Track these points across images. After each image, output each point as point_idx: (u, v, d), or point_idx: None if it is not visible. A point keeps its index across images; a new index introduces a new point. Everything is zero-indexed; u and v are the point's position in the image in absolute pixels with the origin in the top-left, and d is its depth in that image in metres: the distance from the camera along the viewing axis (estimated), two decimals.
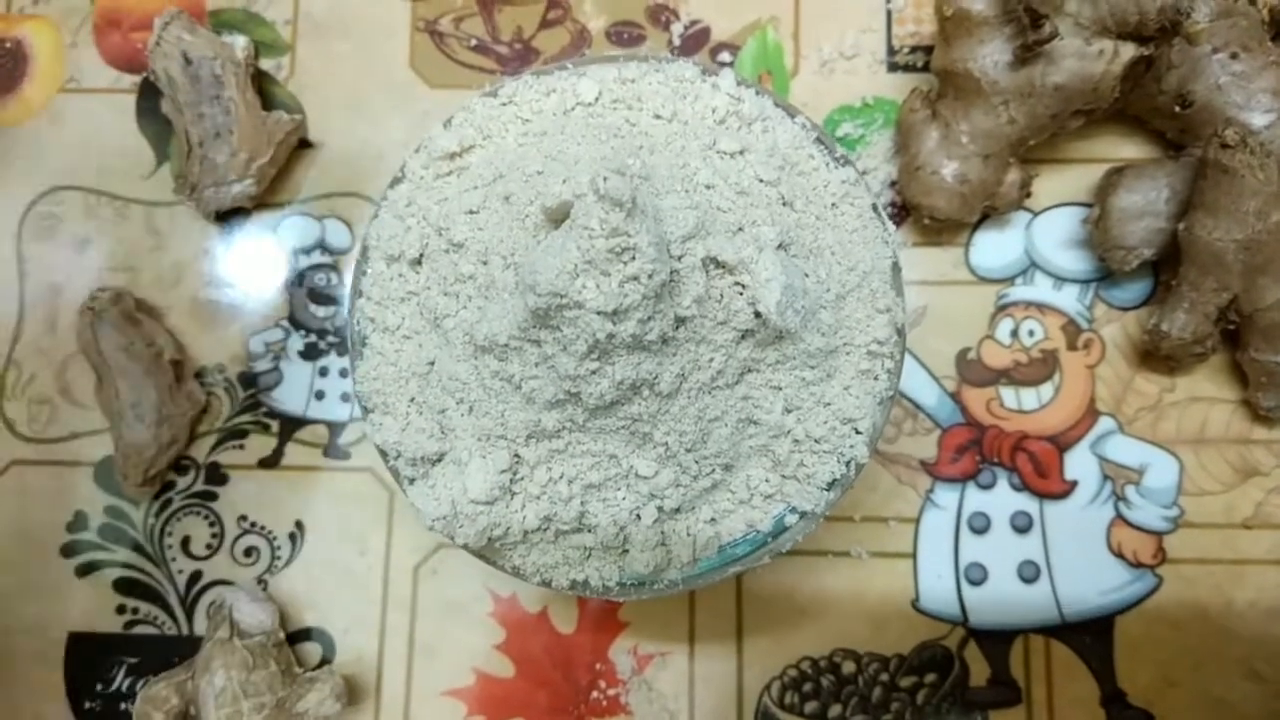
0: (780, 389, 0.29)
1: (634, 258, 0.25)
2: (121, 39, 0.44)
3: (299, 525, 0.40)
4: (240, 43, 0.41)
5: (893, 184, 0.41)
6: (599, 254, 0.24)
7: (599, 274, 0.25)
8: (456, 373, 0.29)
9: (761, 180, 0.30)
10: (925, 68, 0.42)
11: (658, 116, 0.31)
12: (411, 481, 0.30)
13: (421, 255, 0.30)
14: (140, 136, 0.43)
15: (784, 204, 0.30)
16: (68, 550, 0.40)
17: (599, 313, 0.25)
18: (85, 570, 0.40)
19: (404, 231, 0.31)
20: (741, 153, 0.30)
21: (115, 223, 0.42)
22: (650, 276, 0.25)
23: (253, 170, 0.40)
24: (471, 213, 0.29)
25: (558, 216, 0.26)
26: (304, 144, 0.43)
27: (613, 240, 0.24)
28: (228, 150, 0.39)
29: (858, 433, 0.30)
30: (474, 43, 0.43)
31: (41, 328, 0.42)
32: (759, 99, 0.32)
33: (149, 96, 0.43)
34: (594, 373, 0.26)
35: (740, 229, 0.28)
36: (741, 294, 0.27)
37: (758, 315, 0.27)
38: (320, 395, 0.41)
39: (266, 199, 0.42)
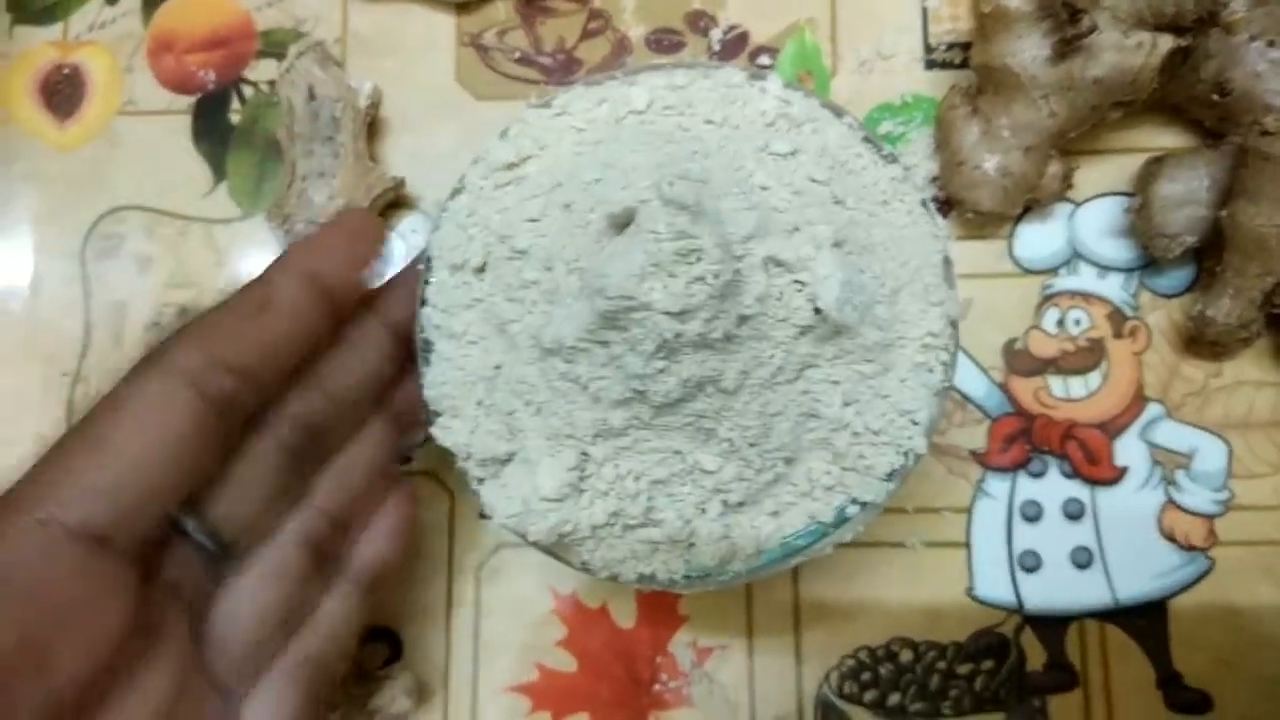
0: (839, 383, 0.30)
1: (699, 259, 0.25)
2: (175, 62, 0.45)
3: None
4: (366, 89, 0.42)
5: (934, 180, 0.42)
6: (665, 256, 0.25)
7: (666, 276, 0.26)
8: (524, 375, 0.30)
9: (814, 180, 0.30)
10: (963, 64, 0.43)
11: (709, 121, 0.32)
12: (482, 482, 0.31)
13: (485, 263, 0.31)
14: (197, 155, 0.44)
15: (836, 202, 0.30)
16: None
17: (666, 313, 0.26)
18: None
19: (467, 241, 0.32)
20: (793, 154, 0.31)
21: (176, 241, 0.44)
22: (715, 277, 0.26)
23: None
24: (532, 220, 0.30)
25: (621, 222, 0.27)
26: (398, 203, 0.43)
27: (679, 243, 0.25)
28: (327, 193, 0.40)
29: (915, 424, 0.31)
30: (518, 55, 0.44)
31: (108, 344, 0.43)
32: (807, 101, 0.33)
33: (204, 117, 0.45)
34: (661, 371, 0.27)
35: (797, 228, 0.29)
36: (800, 291, 0.28)
37: (817, 311, 0.28)
38: None
39: None
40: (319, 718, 0.31)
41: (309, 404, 0.30)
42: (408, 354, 0.33)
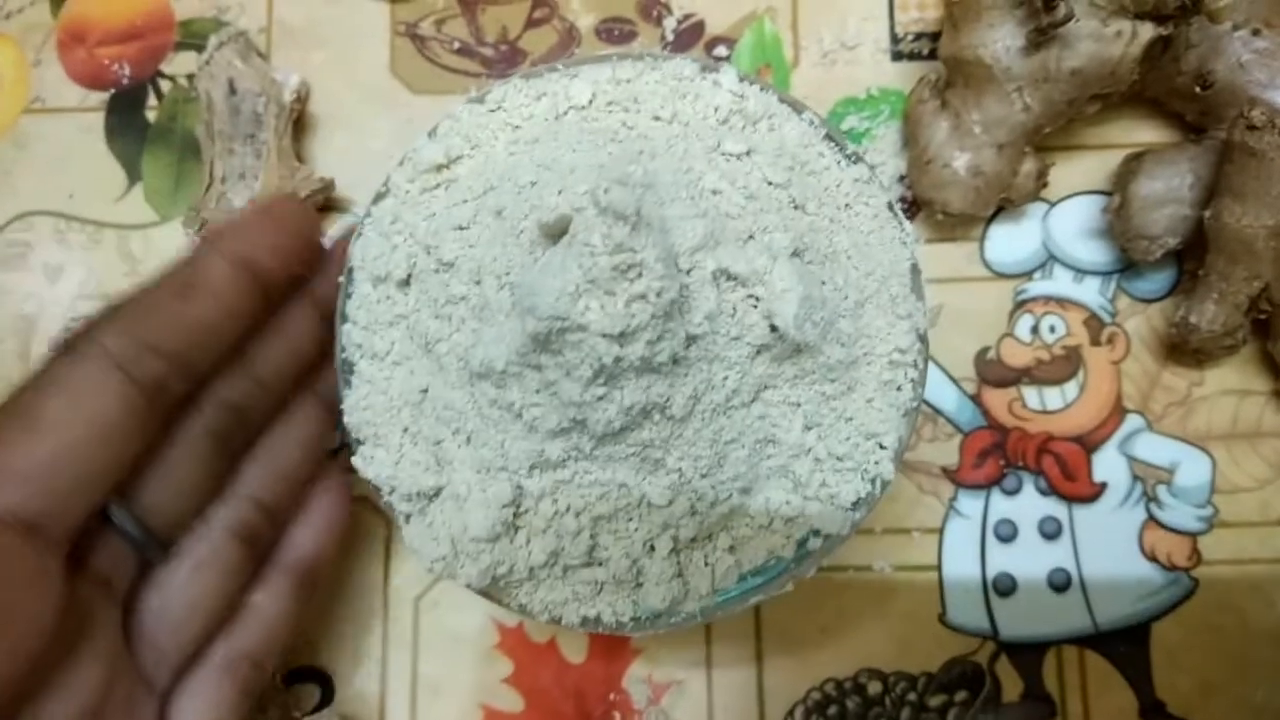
0: (799, 405, 0.27)
1: (640, 275, 0.23)
2: (87, 55, 0.42)
3: None
4: (293, 83, 0.39)
5: (902, 178, 0.39)
6: (602, 272, 0.23)
7: (603, 294, 0.23)
8: (452, 401, 0.27)
9: (770, 183, 0.28)
10: (931, 55, 0.40)
11: (657, 118, 0.30)
12: (408, 519, 0.28)
13: (410, 275, 0.29)
14: (110, 156, 0.41)
15: (795, 207, 0.28)
16: None
17: (604, 335, 0.23)
18: None
19: (390, 250, 0.29)
20: (748, 154, 0.28)
21: (88, 249, 0.40)
22: (659, 294, 0.23)
23: None
24: (461, 229, 0.28)
25: (555, 232, 0.25)
26: (328, 206, 0.40)
27: (617, 257, 0.22)
28: (248, 195, 0.37)
29: (882, 447, 0.28)
30: (457, 45, 0.41)
31: (13, 360, 0.40)
32: (763, 95, 0.30)
33: (118, 114, 0.41)
34: (600, 398, 0.24)
35: (751, 236, 0.26)
36: (756, 307, 0.25)
37: (774, 329, 0.25)
38: None
39: None
40: (248, 713, 0.30)
41: (235, 387, 0.29)
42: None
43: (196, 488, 0.28)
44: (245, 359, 0.30)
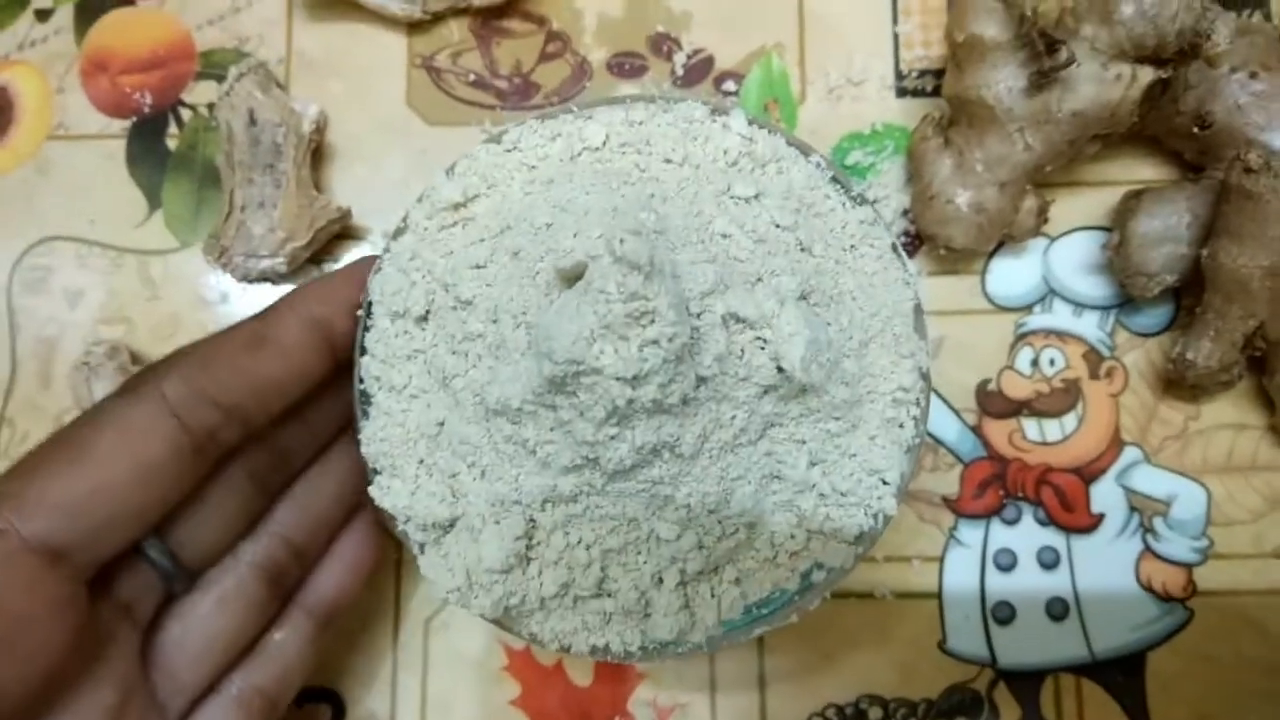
0: (804, 443, 0.28)
1: (653, 321, 0.24)
2: (110, 84, 0.43)
3: None
4: (311, 113, 0.39)
5: (905, 213, 0.40)
6: (617, 318, 0.23)
7: (617, 339, 0.24)
8: (467, 435, 0.28)
9: (778, 225, 0.29)
10: (935, 92, 0.41)
11: (668, 160, 0.30)
12: (422, 549, 0.29)
13: (428, 311, 0.29)
14: (131, 183, 0.42)
15: (802, 249, 0.29)
16: None
17: (618, 379, 0.24)
18: None
19: (409, 286, 0.30)
20: (757, 197, 0.29)
21: (108, 273, 0.41)
22: (670, 339, 0.24)
23: (286, 250, 0.38)
24: (479, 267, 0.28)
25: (572, 276, 0.25)
26: (344, 235, 0.41)
27: (631, 304, 0.23)
28: (267, 224, 0.38)
29: (885, 484, 0.29)
30: (472, 78, 0.42)
31: (35, 383, 0.40)
32: (771, 138, 0.31)
33: (139, 142, 0.42)
34: (613, 438, 0.25)
35: (759, 280, 0.27)
36: (763, 349, 0.26)
37: (781, 370, 0.26)
38: None
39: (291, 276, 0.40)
40: None
41: (284, 433, 0.30)
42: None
43: (231, 525, 0.29)
44: (302, 408, 0.30)
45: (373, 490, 0.29)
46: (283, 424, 0.30)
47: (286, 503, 0.31)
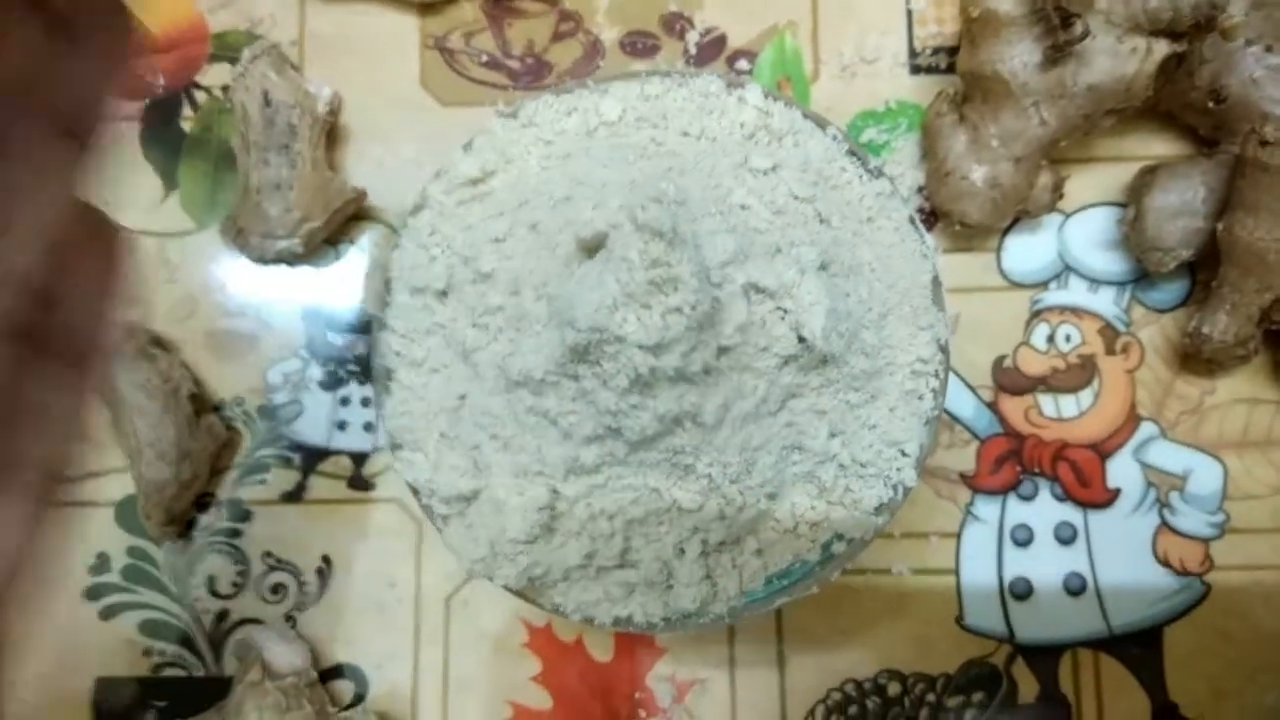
0: (824, 414, 0.28)
1: (676, 289, 0.24)
2: None
3: (326, 560, 0.39)
4: (325, 95, 0.39)
5: (920, 190, 0.40)
6: (639, 286, 0.23)
7: (639, 307, 0.24)
8: (489, 407, 0.28)
9: (797, 197, 0.29)
10: (949, 69, 0.41)
11: (685, 134, 0.30)
12: (446, 520, 0.29)
13: (448, 286, 0.29)
14: (147, 165, 0.42)
15: (821, 221, 0.29)
16: (92, 594, 0.39)
17: (641, 346, 0.24)
18: (110, 613, 0.39)
19: (428, 262, 0.30)
20: (774, 169, 0.29)
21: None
22: (693, 307, 0.24)
23: (302, 231, 0.38)
24: (498, 241, 0.29)
25: (592, 246, 0.26)
26: (360, 215, 0.41)
27: (653, 271, 0.23)
28: (283, 205, 0.38)
29: (904, 455, 0.29)
30: (485, 58, 0.42)
31: None
32: (788, 111, 0.31)
33: (154, 124, 0.42)
34: (635, 407, 0.25)
35: (779, 250, 0.27)
36: (784, 319, 0.26)
37: (801, 340, 0.26)
38: (342, 426, 0.40)
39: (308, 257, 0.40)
40: (48, 520, 0.24)
41: None
42: (73, 38, 0.22)
43: None
44: None
45: (396, 464, 0.29)
46: None
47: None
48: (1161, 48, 0.36)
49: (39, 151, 0.22)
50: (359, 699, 0.38)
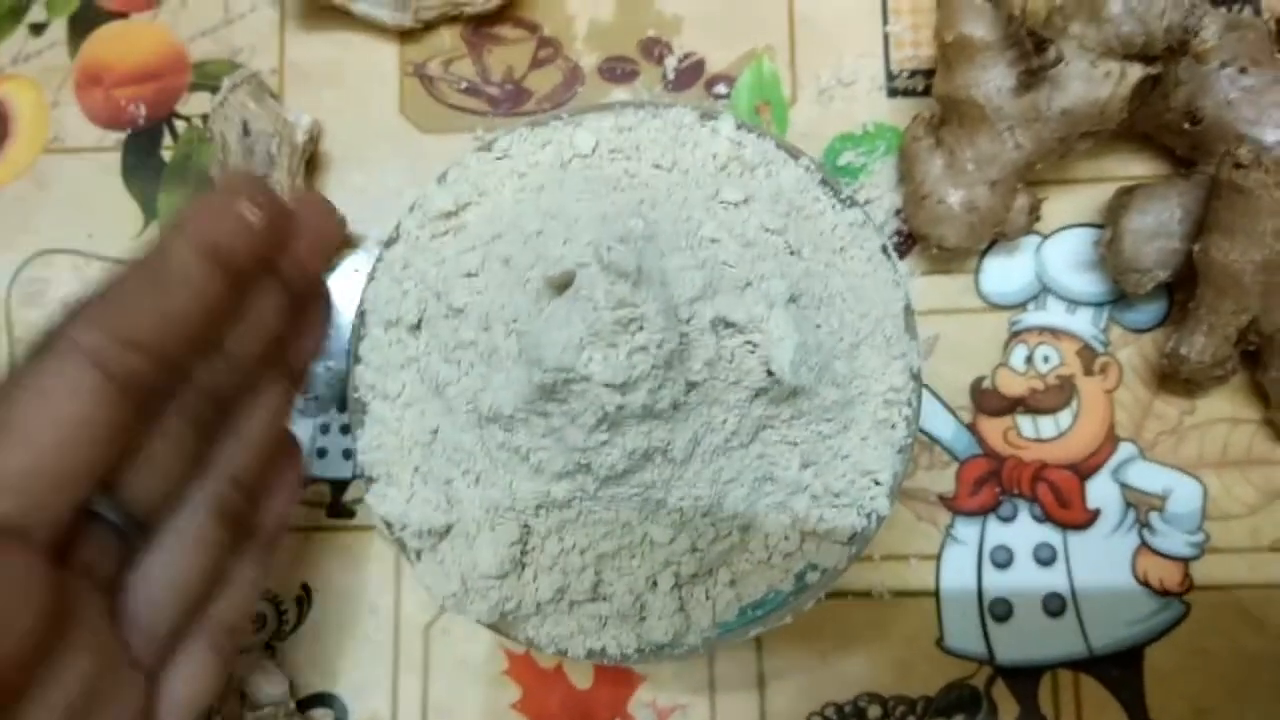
0: (796, 445, 0.28)
1: (641, 328, 0.24)
2: (104, 96, 0.43)
3: (305, 588, 0.39)
4: (305, 123, 0.40)
5: (898, 212, 0.40)
6: (605, 326, 0.24)
7: (606, 346, 0.24)
8: (461, 443, 0.28)
9: (767, 229, 0.29)
10: (926, 92, 0.41)
11: (657, 166, 0.31)
12: (419, 555, 0.29)
13: (420, 320, 0.30)
14: (128, 194, 0.42)
15: (791, 253, 0.29)
16: None
17: (607, 385, 0.24)
18: None
19: (401, 296, 0.30)
20: (746, 201, 0.29)
21: None
22: (659, 346, 0.24)
23: None
24: (470, 275, 0.29)
25: (560, 284, 0.26)
26: (343, 243, 0.41)
27: (619, 312, 0.24)
28: None
29: (877, 484, 0.29)
30: (464, 85, 0.42)
31: None
32: (760, 142, 0.31)
33: (135, 153, 0.42)
34: (604, 444, 0.25)
35: (748, 284, 0.27)
36: (753, 353, 0.26)
37: (770, 374, 0.26)
38: (322, 453, 0.40)
39: None
40: (228, 678, 0.30)
41: (214, 372, 0.28)
42: (301, 309, 0.30)
43: (175, 471, 0.28)
44: (220, 342, 0.29)
45: (369, 498, 0.29)
46: (213, 367, 0.29)
47: (228, 443, 0.30)
48: (1135, 72, 0.36)
49: (278, 391, 0.31)
50: None
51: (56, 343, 0.25)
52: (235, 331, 0.29)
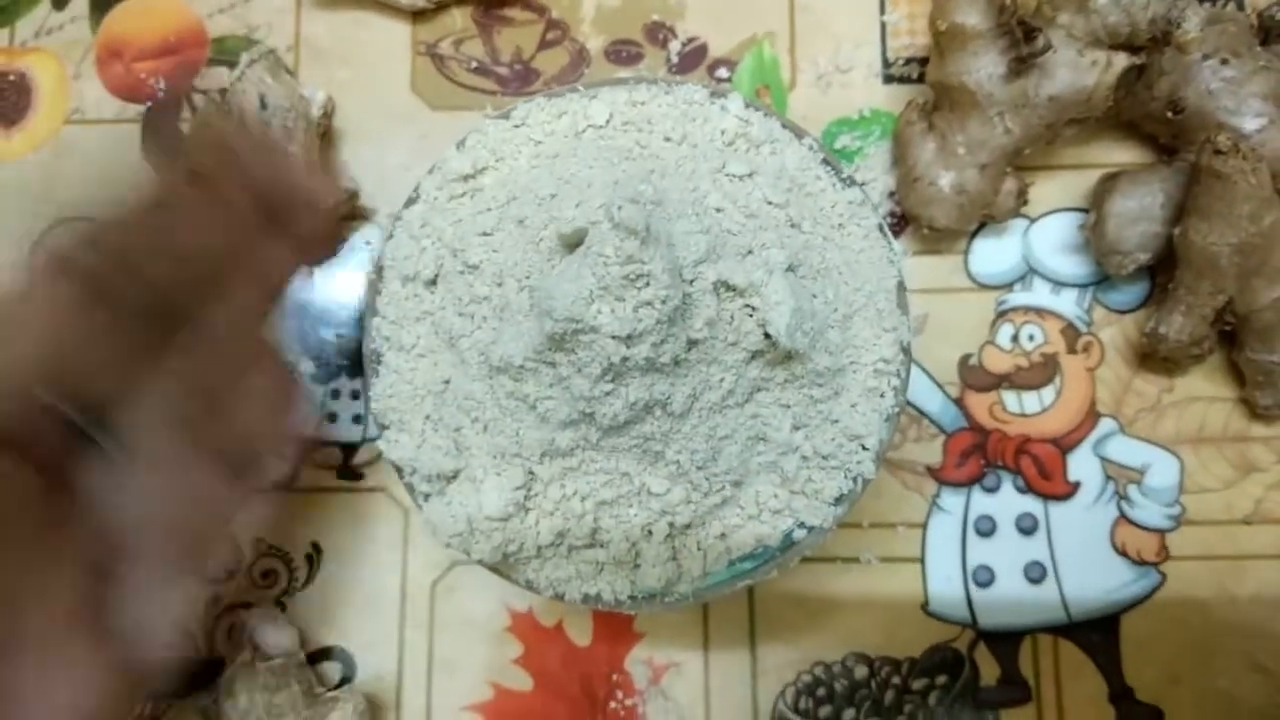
0: (789, 407, 0.30)
1: (648, 284, 0.25)
2: (124, 69, 0.44)
3: (315, 547, 0.40)
4: (319, 99, 0.41)
5: (892, 194, 0.42)
6: (614, 280, 0.25)
7: (614, 300, 0.25)
8: (472, 392, 0.29)
9: (770, 202, 0.30)
10: (921, 79, 0.42)
11: (668, 139, 0.32)
12: (427, 498, 0.31)
13: (437, 276, 0.31)
14: (146, 166, 0.43)
15: (792, 225, 0.30)
16: None
17: (613, 337, 0.25)
18: None
19: (419, 252, 0.31)
20: (750, 175, 0.31)
21: None
22: (664, 302, 0.25)
23: None
24: (486, 234, 0.30)
25: (572, 241, 0.27)
26: (353, 215, 0.42)
27: (627, 267, 0.25)
28: None
29: (864, 449, 0.31)
30: (474, 65, 0.44)
31: None
32: (767, 121, 0.33)
33: (153, 127, 0.44)
34: (608, 394, 0.27)
35: (750, 252, 0.29)
36: (751, 316, 0.28)
37: (767, 337, 0.28)
38: (333, 417, 0.41)
39: None
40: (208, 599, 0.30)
41: (169, 272, 0.27)
42: (267, 216, 0.29)
43: (131, 368, 0.27)
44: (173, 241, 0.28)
45: (381, 443, 0.31)
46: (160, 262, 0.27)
47: (185, 343, 0.28)
48: (1120, 61, 0.37)
49: (242, 293, 0.29)
50: (346, 680, 0.39)
51: (34, 255, 0.26)
52: (199, 240, 0.28)
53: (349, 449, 0.41)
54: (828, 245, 0.31)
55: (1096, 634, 0.39)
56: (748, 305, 0.28)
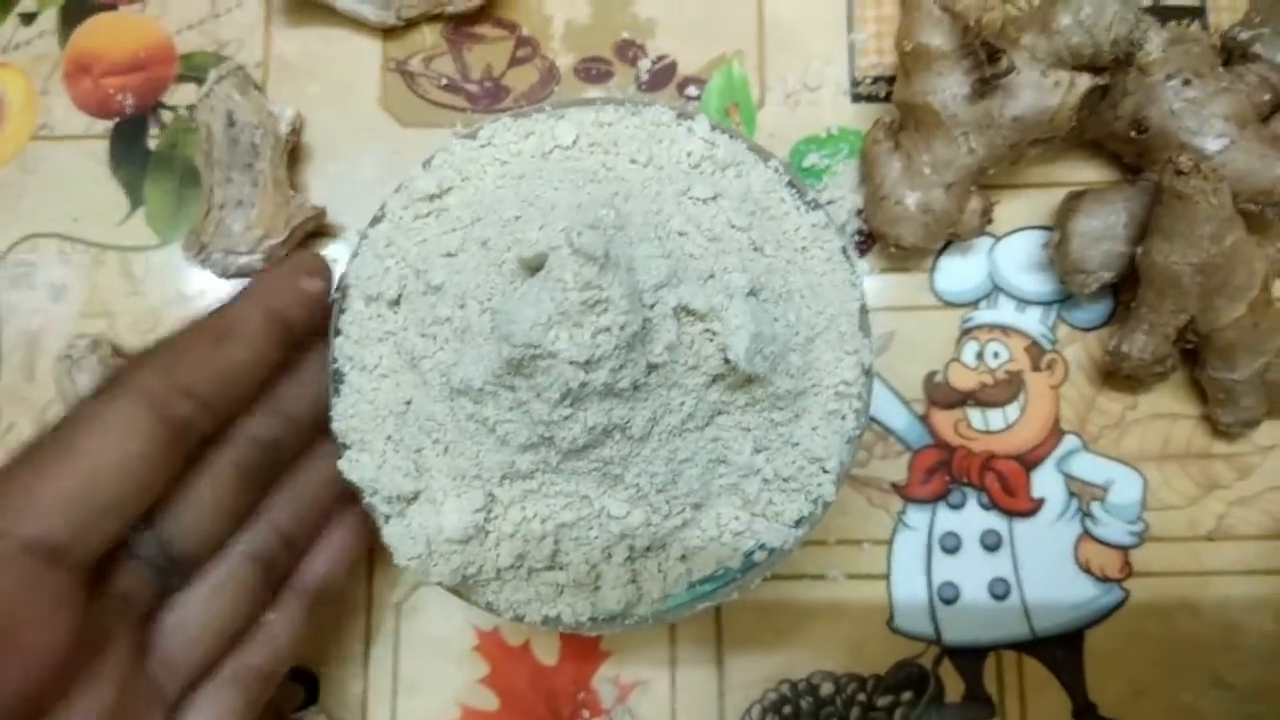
0: (749, 430, 0.30)
1: (606, 310, 0.25)
2: (93, 84, 0.44)
3: None
4: (288, 115, 0.41)
5: (860, 212, 0.42)
6: (572, 306, 0.25)
7: (572, 325, 0.25)
8: (433, 413, 0.29)
9: (734, 226, 0.30)
10: (888, 98, 0.43)
11: (633, 161, 0.32)
12: (387, 519, 0.31)
13: (400, 296, 0.31)
14: (114, 182, 0.43)
15: (755, 249, 0.31)
16: None
17: (572, 363, 0.26)
18: None
19: (383, 272, 0.31)
20: (715, 198, 0.31)
21: (90, 269, 0.43)
22: (622, 328, 0.25)
23: (263, 248, 0.39)
24: (449, 255, 0.30)
25: (533, 265, 0.27)
26: (319, 233, 0.43)
27: (586, 293, 0.25)
28: (244, 222, 0.40)
29: (825, 471, 0.31)
30: (444, 82, 0.44)
31: (19, 375, 0.42)
32: (733, 143, 0.33)
33: (121, 142, 0.44)
34: (567, 418, 0.27)
35: (712, 275, 0.29)
36: (712, 340, 0.28)
37: (727, 361, 0.28)
38: None
39: None
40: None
41: (264, 425, 0.31)
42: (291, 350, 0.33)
43: (220, 516, 0.30)
44: (274, 399, 0.32)
45: (342, 463, 0.31)
46: (264, 419, 0.31)
47: (276, 495, 0.32)
48: (1084, 82, 0.38)
49: (323, 448, 0.33)
50: (310, 701, 0.39)
51: (119, 383, 0.28)
52: (290, 390, 0.32)
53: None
54: (790, 268, 0.32)
55: (1060, 650, 0.39)
56: (708, 329, 0.28)
